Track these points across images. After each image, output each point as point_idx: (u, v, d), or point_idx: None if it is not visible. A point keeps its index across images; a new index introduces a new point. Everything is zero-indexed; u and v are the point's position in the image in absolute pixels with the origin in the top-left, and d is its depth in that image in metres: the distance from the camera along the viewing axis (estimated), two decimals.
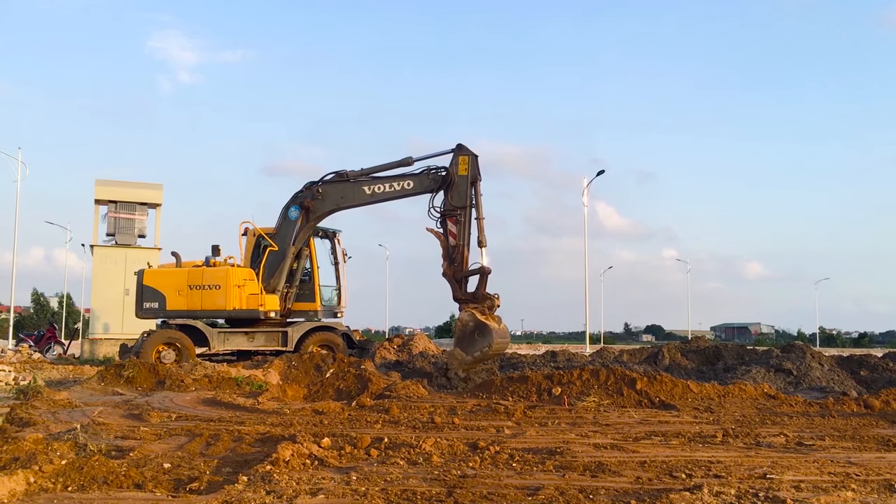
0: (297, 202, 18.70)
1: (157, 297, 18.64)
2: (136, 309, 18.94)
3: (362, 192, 18.34)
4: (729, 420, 10.16)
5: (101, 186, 26.80)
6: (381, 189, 18.30)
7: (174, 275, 18.91)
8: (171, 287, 18.71)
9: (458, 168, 17.77)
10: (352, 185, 18.36)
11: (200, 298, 18.60)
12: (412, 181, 18.17)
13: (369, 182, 18.29)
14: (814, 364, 16.69)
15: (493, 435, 8.53)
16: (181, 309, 18.63)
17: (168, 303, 18.57)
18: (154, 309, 18.69)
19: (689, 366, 18.44)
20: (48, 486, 5.42)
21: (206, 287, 18.62)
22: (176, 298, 18.59)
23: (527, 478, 6.14)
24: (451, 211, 17.61)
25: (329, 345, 18.83)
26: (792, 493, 5.53)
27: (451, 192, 17.72)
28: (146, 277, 18.85)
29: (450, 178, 17.72)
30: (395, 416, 10.09)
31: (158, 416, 9.77)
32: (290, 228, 18.71)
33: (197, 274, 18.72)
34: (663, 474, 6.35)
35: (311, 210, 18.60)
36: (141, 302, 18.72)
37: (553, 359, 19.29)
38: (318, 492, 5.41)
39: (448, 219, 17.67)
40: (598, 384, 12.41)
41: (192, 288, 18.63)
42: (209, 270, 18.75)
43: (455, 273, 17.39)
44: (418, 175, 18.12)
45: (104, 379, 13.83)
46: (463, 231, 17.60)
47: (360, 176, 18.35)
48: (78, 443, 6.85)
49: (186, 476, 6.05)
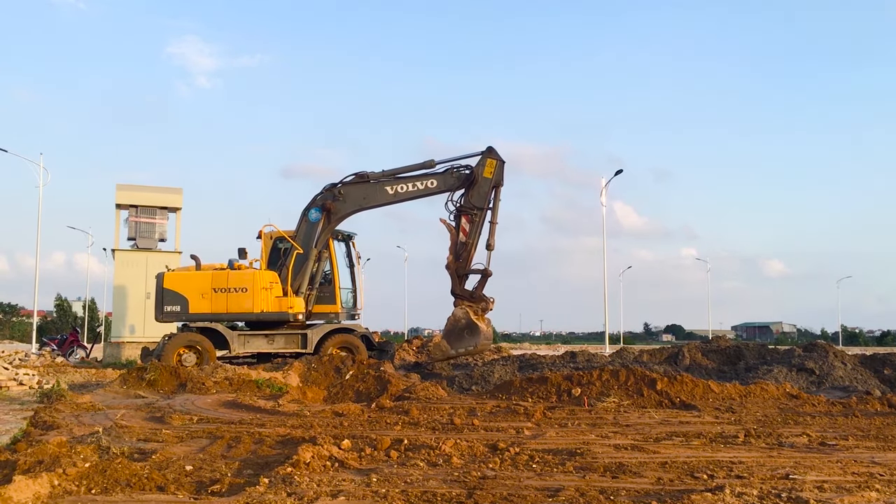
0: (318, 204, 18.88)
1: (178, 300, 18.66)
2: (156, 312, 18.98)
3: (385, 192, 18.56)
4: (751, 420, 10.09)
5: (122, 191, 27.05)
6: (403, 189, 18.55)
7: (197, 278, 18.92)
8: (193, 290, 18.71)
9: (483, 169, 18.05)
10: (373, 185, 18.59)
11: (226, 301, 18.64)
12: (436, 179, 18.48)
13: (392, 182, 18.53)
14: (836, 363, 16.53)
15: (513, 436, 8.52)
16: (205, 312, 18.66)
17: (191, 306, 18.60)
18: (176, 312, 18.70)
19: (710, 366, 18.31)
20: (72, 488, 5.47)
21: (231, 290, 18.66)
22: (199, 301, 18.61)
23: (547, 479, 6.12)
24: (469, 209, 18.00)
25: (349, 347, 18.89)
26: (815, 494, 5.48)
27: (473, 191, 18.04)
28: (167, 280, 18.84)
29: (473, 177, 18.09)
30: (414, 417, 10.10)
31: (180, 418, 9.84)
32: (312, 230, 18.88)
33: (221, 277, 18.74)
34: (684, 475, 6.32)
35: (333, 211, 18.79)
36: (161, 305, 18.74)
37: (572, 359, 19.20)
38: (338, 493, 5.43)
39: (463, 215, 18.06)
40: (618, 385, 12.36)
41: (216, 291, 18.66)
42: (235, 273, 18.81)
43: (458, 269, 17.85)
44: (442, 174, 18.43)
45: (126, 382, 13.94)
46: (475, 230, 18.02)
47: (381, 177, 18.57)
48: (101, 446, 6.91)
49: (208, 478, 6.09)
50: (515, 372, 15.74)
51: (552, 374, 13.30)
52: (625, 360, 19.29)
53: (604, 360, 19.22)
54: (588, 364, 17.62)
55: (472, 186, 18.14)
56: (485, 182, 18.09)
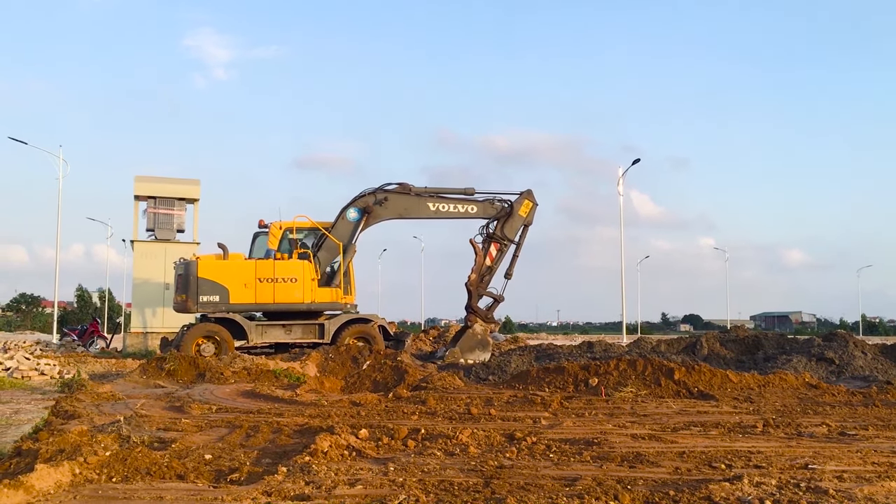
0: (359, 205, 19.59)
1: (217, 289, 18.23)
2: (190, 303, 18.32)
3: (426, 208, 19.89)
4: (769, 410, 10.03)
5: (140, 183, 27.17)
6: (445, 208, 20.02)
7: (239, 267, 18.66)
8: (235, 279, 18.38)
9: (520, 207, 20.22)
10: (417, 199, 19.83)
11: (273, 291, 18.45)
12: (476, 207, 20.21)
13: (434, 200, 19.93)
14: (857, 353, 16.38)
15: (530, 426, 8.52)
16: (248, 302, 18.45)
17: (231, 296, 18.27)
18: (214, 302, 18.27)
19: (728, 355, 18.20)
20: (93, 477, 5.53)
21: (279, 280, 18.52)
22: (242, 291, 18.33)
23: (564, 468, 6.12)
24: (500, 238, 20.17)
25: (365, 337, 18.96)
26: (835, 484, 5.44)
27: (508, 224, 20.17)
28: (202, 269, 18.31)
29: (510, 211, 20.17)
30: (431, 407, 10.12)
31: (199, 408, 9.91)
32: (349, 228, 19.48)
33: (267, 266, 18.58)
34: (702, 465, 6.29)
35: (373, 214, 19.54)
36: (196, 295, 18.17)
37: (590, 349, 19.13)
38: (356, 482, 5.45)
39: (494, 242, 20.19)
40: (635, 374, 12.32)
41: (261, 281, 18.43)
42: (281, 263, 18.72)
43: (479, 289, 20.03)
44: (482, 203, 20.23)
45: (146, 372, 14.05)
46: (500, 258, 20.25)
47: (423, 192, 19.96)
48: (121, 434, 6.97)
49: (227, 467, 6.13)
50: (532, 362, 15.72)
51: (569, 364, 13.27)
52: (642, 349, 19.21)
53: (621, 350, 19.16)
54: (605, 354, 17.58)
55: (507, 219, 20.12)
56: (519, 219, 20.22)
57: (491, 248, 20.21)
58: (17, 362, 15.59)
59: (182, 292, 18.45)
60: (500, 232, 20.14)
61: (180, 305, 18.69)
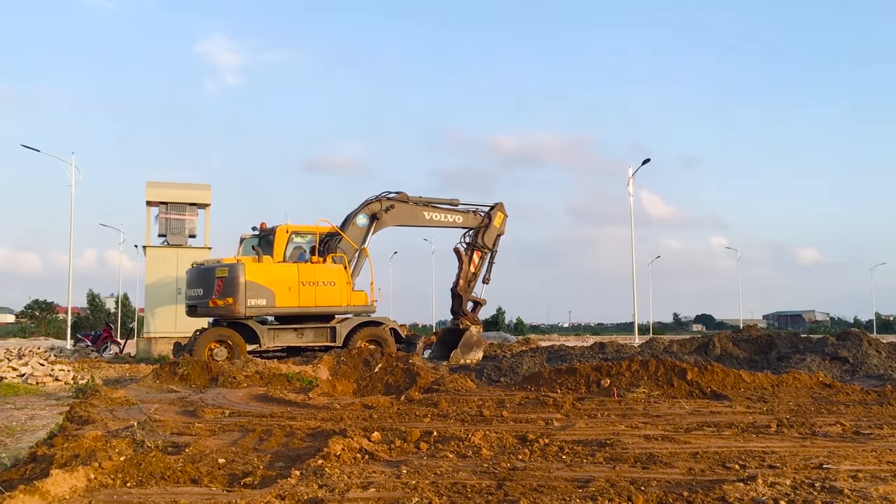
0: (367, 212, 20.49)
1: (264, 293, 18.00)
2: (238, 306, 17.76)
3: (422, 217, 21.64)
4: (783, 410, 9.98)
5: (152, 188, 27.30)
6: (437, 217, 21.96)
7: (283, 270, 18.61)
8: (280, 283, 18.28)
9: (496, 218, 22.80)
10: (414, 207, 21.40)
11: (315, 295, 18.54)
12: (462, 217, 22.35)
13: (429, 210, 21.75)
14: (871, 351, 16.30)
15: (543, 427, 8.51)
16: (292, 306, 18.47)
17: (278, 299, 18.18)
18: (261, 306, 18.05)
19: (741, 355, 18.13)
20: (108, 482, 5.56)
21: (320, 283, 18.66)
22: (287, 295, 18.29)
23: (577, 470, 6.11)
24: (481, 247, 22.56)
25: (377, 340, 19.00)
26: (849, 483, 5.41)
27: (486, 233, 22.62)
28: (250, 272, 17.93)
29: (487, 221, 22.60)
30: (443, 409, 10.12)
31: (212, 412, 9.95)
32: (359, 233, 20.25)
33: (309, 270, 18.68)
34: (716, 465, 6.27)
35: (381, 221, 20.54)
36: (245, 298, 17.78)
37: (601, 350, 19.12)
38: (369, 485, 5.46)
39: (476, 251, 22.48)
40: (647, 375, 12.29)
41: (304, 284, 18.47)
42: (321, 267, 18.88)
43: (465, 293, 22.27)
44: (466, 213, 22.45)
45: (159, 377, 14.12)
46: (483, 265, 22.67)
47: (419, 202, 21.59)
48: (135, 439, 7.00)
49: (240, 471, 6.15)
50: (544, 363, 15.71)
51: (581, 365, 13.25)
52: (654, 350, 19.17)
53: (633, 351, 19.13)
54: (617, 355, 17.54)
55: (486, 230, 22.57)
56: (494, 229, 22.74)
57: (474, 256, 22.46)
58: (32, 368, 15.68)
59: (228, 295, 17.79)
60: (480, 241, 22.48)
61: (225, 309, 17.97)
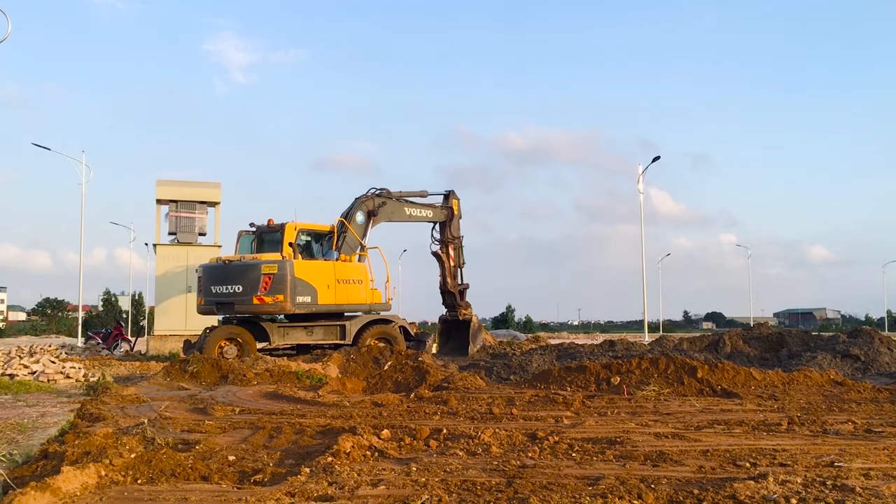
0: (364, 209, 20.52)
1: (309, 290, 18.18)
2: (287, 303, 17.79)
3: (404, 213, 21.94)
4: (794, 407, 9.93)
5: (162, 187, 27.38)
6: (415, 213, 22.38)
7: (324, 268, 18.80)
8: (321, 281, 18.50)
9: (455, 207, 23.21)
10: (398, 203, 21.68)
11: (346, 293, 18.84)
12: (432, 212, 22.80)
13: (408, 205, 22.01)
14: (882, 349, 16.21)
15: (552, 425, 8.49)
16: (330, 303, 18.70)
17: (319, 297, 18.39)
18: (307, 303, 18.19)
19: (752, 353, 18.07)
20: (118, 478, 5.58)
21: (351, 281, 18.96)
22: (326, 292, 18.51)
23: (587, 468, 6.10)
24: (452, 239, 23.12)
25: (386, 338, 19.01)
26: (861, 481, 5.38)
27: (453, 224, 23.19)
28: (298, 270, 18.09)
29: (451, 214, 23.08)
30: (453, 407, 10.11)
31: (222, 409, 9.97)
32: (360, 230, 20.19)
33: (343, 268, 18.91)
34: (727, 463, 6.25)
35: (376, 217, 20.66)
36: (294, 296, 17.86)
37: (611, 348, 19.09)
38: (378, 483, 5.47)
39: (450, 245, 23.07)
40: (657, 373, 12.25)
41: (340, 282, 18.75)
42: (349, 266, 19.10)
43: (454, 288, 22.99)
44: (434, 208, 22.92)
45: (169, 374, 14.17)
46: (459, 254, 23.36)
47: (400, 197, 21.84)
48: (146, 437, 7.03)
49: (251, 468, 6.17)
50: (554, 361, 15.69)
51: (591, 363, 13.23)
52: (664, 348, 19.12)
53: (643, 349, 19.08)
54: (627, 353, 17.51)
55: (451, 220, 23.12)
56: (457, 217, 23.34)
57: (449, 251, 23.15)
58: (43, 366, 15.76)
59: (278, 292, 17.76)
60: (449, 235, 23.10)
61: (275, 306, 17.92)
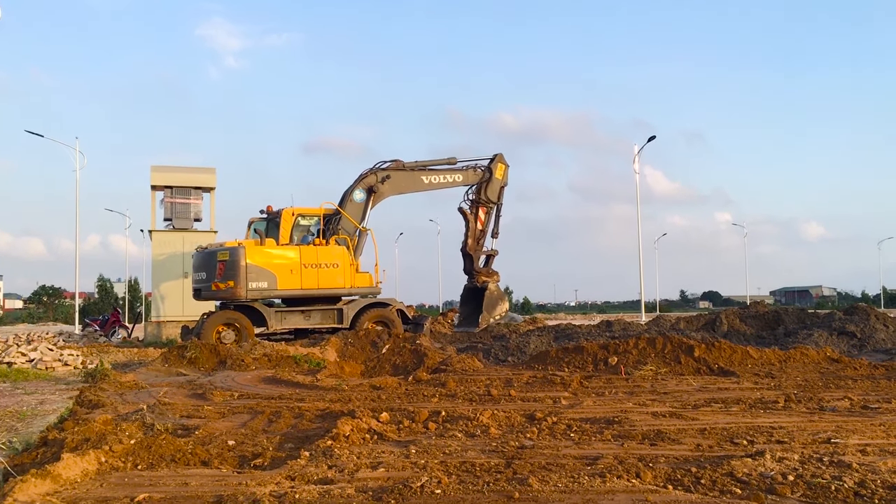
0: (363, 186, 20.28)
1: (265, 276, 17.98)
2: (239, 289, 17.76)
3: (421, 181, 21.52)
4: (791, 385, 9.98)
5: (157, 172, 27.25)
6: (436, 180, 21.87)
7: (284, 253, 18.55)
8: (282, 266, 18.24)
9: (497, 170, 22.82)
10: (412, 173, 21.31)
11: (317, 277, 18.44)
12: (461, 175, 22.35)
13: (426, 173, 21.64)
14: (878, 326, 16.28)
15: (550, 406, 8.53)
16: (294, 288, 18.43)
17: (279, 282, 18.15)
18: (262, 289, 18.03)
19: (749, 331, 18.14)
20: (118, 465, 5.59)
21: (322, 266, 18.51)
22: (289, 277, 18.25)
23: (585, 447, 6.12)
24: (485, 202, 22.82)
25: (384, 321, 19.01)
26: (858, 458, 5.42)
27: (488, 187, 22.76)
28: (251, 255, 17.91)
29: (489, 175, 22.67)
30: (451, 389, 10.14)
31: (221, 395, 9.99)
32: (358, 209, 20.03)
33: (311, 252, 18.57)
34: (724, 441, 6.28)
35: (378, 193, 20.37)
36: (245, 281, 17.77)
37: (608, 328, 19.13)
38: (378, 465, 5.48)
39: (480, 207, 22.77)
40: (654, 353, 12.29)
41: (306, 266, 18.37)
42: (324, 249, 18.78)
43: (475, 252, 22.82)
44: (465, 171, 22.44)
45: (168, 360, 14.16)
46: (490, 220, 23.02)
47: (416, 167, 21.51)
48: (145, 423, 7.04)
49: (250, 452, 6.18)
50: (551, 342, 15.74)
51: (588, 343, 13.27)
52: (661, 327, 19.18)
53: (640, 329, 19.14)
54: (624, 333, 17.56)
55: (488, 184, 22.67)
56: (497, 181, 22.83)
57: (479, 213, 22.76)
58: (41, 353, 15.75)
59: (229, 279, 17.85)
60: (484, 196, 22.70)
61: (227, 292, 18.01)
